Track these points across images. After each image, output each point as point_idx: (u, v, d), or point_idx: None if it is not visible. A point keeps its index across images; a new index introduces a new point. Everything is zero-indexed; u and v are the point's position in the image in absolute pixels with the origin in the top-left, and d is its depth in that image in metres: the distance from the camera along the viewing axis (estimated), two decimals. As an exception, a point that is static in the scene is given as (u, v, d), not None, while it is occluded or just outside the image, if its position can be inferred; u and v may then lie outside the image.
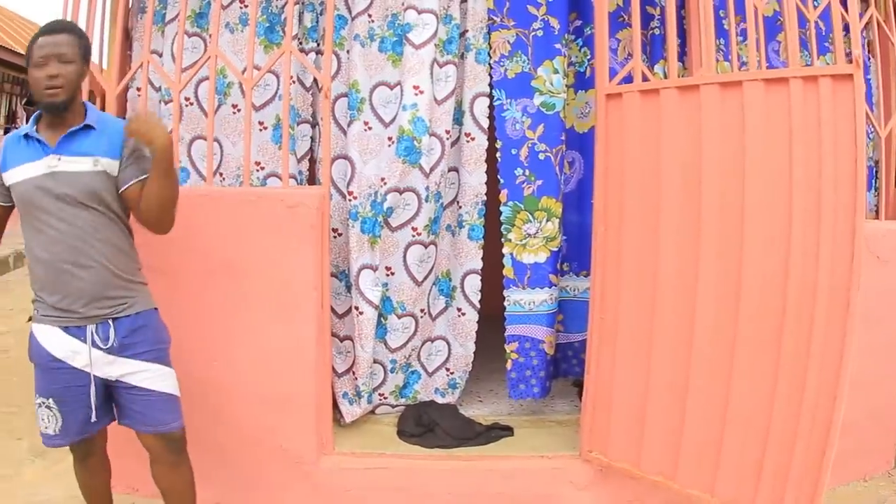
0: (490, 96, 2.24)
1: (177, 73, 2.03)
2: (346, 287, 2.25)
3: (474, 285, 2.29)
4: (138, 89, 2.20)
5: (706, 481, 1.80)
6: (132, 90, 2.24)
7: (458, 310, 2.32)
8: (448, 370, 2.36)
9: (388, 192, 2.13)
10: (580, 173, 2.34)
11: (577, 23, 2.32)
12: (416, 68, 2.11)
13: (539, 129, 2.22)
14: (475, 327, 2.32)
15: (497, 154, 2.24)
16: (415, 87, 2.11)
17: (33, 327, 1.55)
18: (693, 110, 1.79)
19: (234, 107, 2.20)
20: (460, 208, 2.29)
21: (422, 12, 2.12)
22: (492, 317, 2.44)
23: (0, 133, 7.73)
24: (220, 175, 2.21)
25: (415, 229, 2.18)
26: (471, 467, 2.03)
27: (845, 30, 2.23)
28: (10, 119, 7.97)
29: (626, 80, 1.97)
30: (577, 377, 2.43)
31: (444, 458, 2.06)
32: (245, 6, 2.21)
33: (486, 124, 2.24)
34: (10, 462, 2.35)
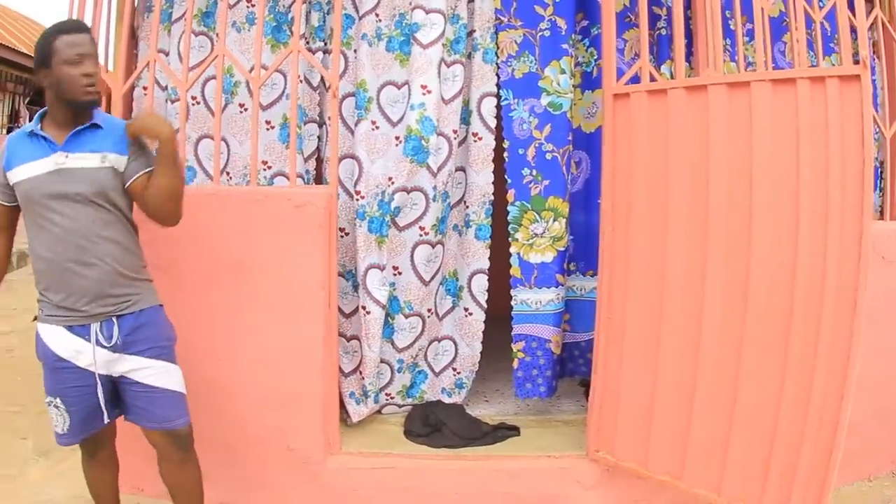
0: (497, 96, 2.24)
1: (184, 72, 2.03)
2: (352, 287, 2.25)
3: (481, 285, 2.29)
4: (144, 88, 2.20)
5: (713, 481, 1.80)
6: (138, 89, 2.24)
7: (465, 310, 2.32)
8: (455, 370, 2.36)
9: (396, 192, 2.13)
10: (587, 173, 2.35)
11: (583, 23, 2.32)
12: (424, 68, 2.11)
13: (546, 129, 2.22)
14: (482, 327, 2.32)
15: (504, 154, 2.25)
16: (423, 86, 2.11)
17: (39, 327, 1.55)
18: (701, 110, 1.79)
19: (241, 106, 2.20)
20: (467, 208, 2.29)
21: (429, 12, 2.12)
22: (497, 317, 2.44)
23: (3, 133, 7.70)
24: (226, 174, 2.21)
25: (422, 229, 2.18)
26: (478, 467, 2.03)
27: (851, 31, 2.23)
28: (13, 118, 7.94)
29: (634, 80, 1.98)
30: (583, 377, 2.44)
31: (451, 458, 2.06)
32: (252, 5, 2.21)
33: (493, 124, 2.24)
34: (15, 461, 2.34)
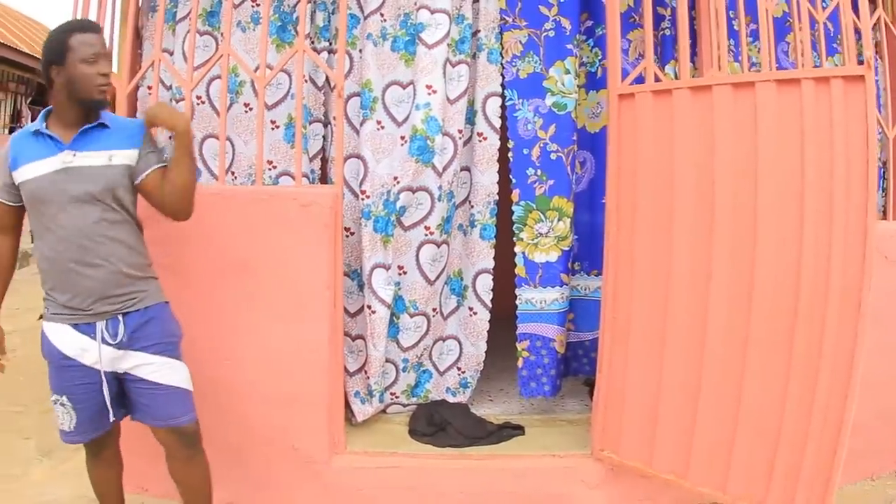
0: (502, 96, 2.24)
1: (189, 71, 2.03)
2: (358, 286, 2.25)
3: (486, 285, 2.29)
4: (149, 88, 2.20)
5: (718, 480, 1.80)
6: (142, 89, 2.24)
7: (470, 309, 2.33)
8: (459, 369, 2.36)
9: (401, 192, 2.13)
10: (591, 173, 2.35)
11: (588, 23, 2.32)
12: (429, 68, 2.11)
13: (551, 129, 2.23)
14: (487, 327, 2.32)
15: (509, 154, 2.25)
16: (428, 86, 2.11)
17: (44, 325, 1.55)
18: (706, 111, 1.79)
19: (246, 105, 2.19)
20: (472, 208, 2.29)
21: (434, 12, 2.12)
22: (501, 316, 2.44)
23: (6, 132, 7.68)
24: (231, 174, 2.21)
25: (427, 228, 2.18)
26: (482, 466, 2.03)
27: (855, 31, 2.24)
28: (15, 118, 7.92)
29: (638, 80, 1.98)
30: (587, 376, 2.44)
31: (456, 458, 2.06)
32: (257, 5, 2.21)
33: (498, 124, 2.24)
34: (18, 461, 2.34)
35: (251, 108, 2.19)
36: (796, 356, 1.70)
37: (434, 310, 2.29)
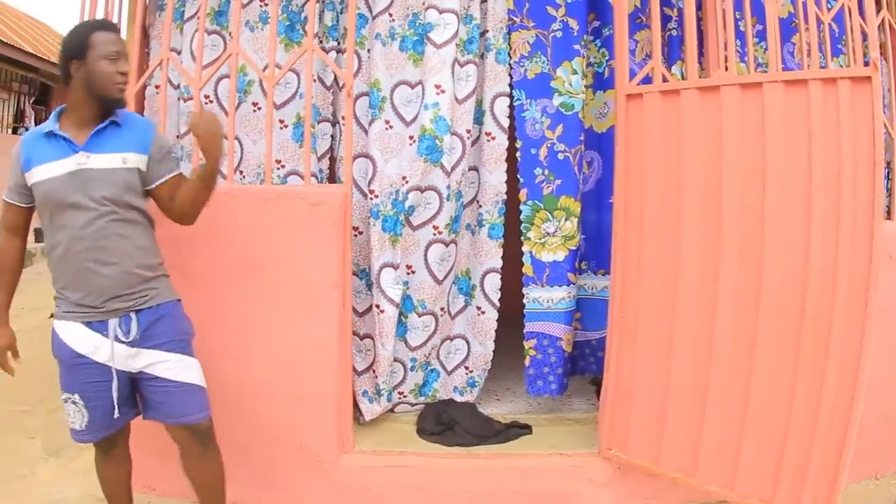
0: (510, 96, 2.25)
1: (197, 70, 2.03)
2: (366, 285, 2.26)
3: (494, 284, 2.30)
4: (156, 87, 2.20)
5: (726, 478, 1.81)
6: (150, 88, 2.24)
7: (478, 308, 2.33)
8: (467, 368, 2.37)
9: (410, 191, 2.14)
10: (599, 173, 2.36)
11: (595, 24, 2.33)
12: (438, 67, 2.11)
13: (558, 129, 2.23)
14: (494, 326, 2.32)
15: (517, 153, 2.25)
16: (436, 86, 2.12)
17: (55, 324, 1.55)
18: (713, 111, 1.80)
19: (255, 105, 2.20)
20: (480, 207, 2.30)
21: (443, 12, 2.13)
22: (508, 316, 2.45)
23: (9, 132, 7.66)
24: (240, 173, 2.21)
25: (436, 228, 2.19)
26: (490, 465, 2.03)
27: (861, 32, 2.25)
28: (19, 118, 7.89)
29: (645, 80, 1.98)
30: (594, 375, 2.45)
31: (464, 457, 2.06)
32: (265, 4, 2.22)
33: (506, 124, 2.25)
34: (25, 461, 2.33)
35: (259, 108, 2.19)
36: (803, 356, 1.71)
37: (442, 309, 2.29)
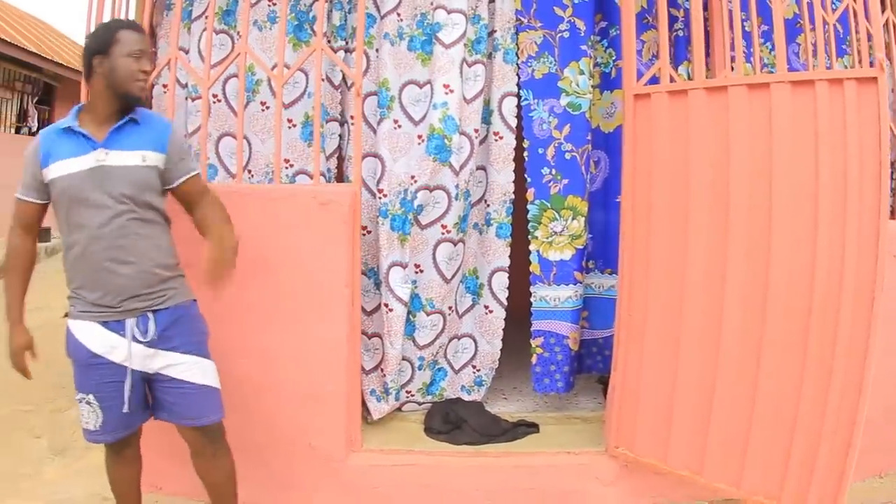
0: (518, 96, 2.25)
1: (206, 69, 2.03)
2: (374, 284, 2.26)
3: (502, 283, 2.30)
4: (164, 86, 2.20)
5: (733, 476, 1.82)
6: (157, 87, 2.24)
7: (486, 307, 2.34)
8: (474, 367, 2.37)
9: (419, 190, 2.14)
10: (606, 172, 2.37)
11: (602, 24, 2.34)
12: (447, 67, 2.12)
13: (565, 129, 2.24)
14: (502, 325, 2.33)
15: (524, 153, 2.26)
16: (445, 85, 2.12)
17: (70, 323, 1.54)
18: (721, 111, 1.81)
19: (263, 104, 2.20)
20: (488, 206, 2.30)
21: (451, 12, 2.14)
22: (514, 315, 2.45)
23: (12, 132, 7.63)
24: (248, 172, 2.21)
25: (444, 227, 2.19)
26: (498, 464, 2.04)
27: (859, 31, 2.27)
28: (22, 118, 7.86)
29: (652, 80, 1.99)
30: (601, 373, 2.46)
31: (472, 455, 2.07)
32: (273, 4, 2.22)
33: (514, 123, 2.25)
34: (30, 461, 2.32)
35: (268, 107, 2.20)
36: (810, 355, 1.71)
37: (450, 308, 2.30)
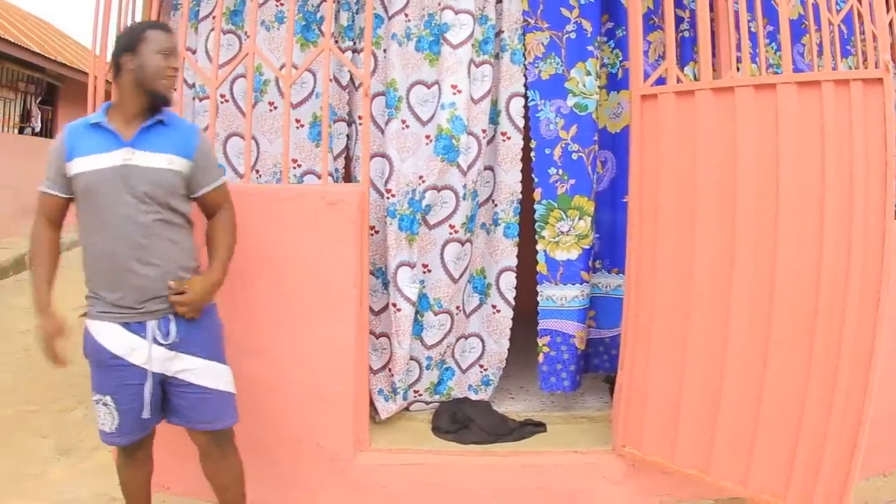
0: (525, 96, 2.26)
1: (213, 69, 2.03)
2: (382, 284, 2.27)
3: (509, 282, 2.31)
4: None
5: (740, 474, 1.83)
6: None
7: (493, 307, 2.34)
8: (482, 367, 2.38)
9: (427, 190, 2.15)
10: (612, 173, 2.37)
11: (608, 25, 2.35)
12: (454, 68, 2.13)
13: (572, 129, 2.25)
14: (510, 324, 2.34)
15: (531, 153, 2.27)
16: (453, 86, 2.13)
17: (88, 324, 1.52)
18: (728, 112, 1.81)
19: (271, 104, 2.20)
20: (496, 206, 2.31)
21: (458, 12, 2.14)
22: (521, 314, 2.45)
23: (15, 132, 7.61)
24: (256, 172, 2.21)
25: (452, 227, 2.20)
26: (505, 463, 2.05)
27: (863, 32, 2.28)
28: (25, 118, 7.84)
29: (659, 81, 1.99)
30: (608, 373, 2.46)
31: (479, 454, 2.07)
32: (281, 4, 2.22)
33: (521, 124, 2.26)
34: (36, 461, 2.32)
35: (276, 107, 2.20)
36: (816, 355, 1.72)
37: (457, 308, 2.30)
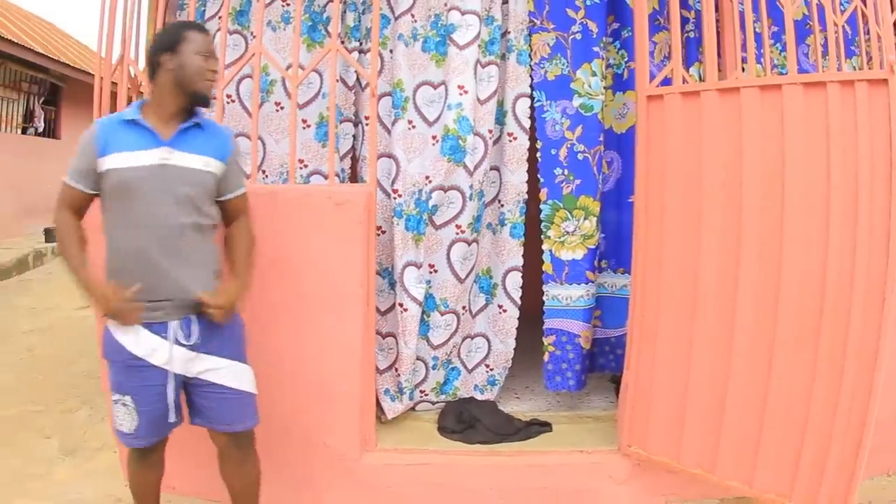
0: (531, 97, 2.26)
1: (220, 69, 2.03)
2: (388, 284, 2.27)
3: (516, 282, 2.31)
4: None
5: (745, 474, 1.83)
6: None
7: (500, 307, 2.34)
8: (488, 367, 2.38)
9: (433, 191, 2.15)
10: (618, 173, 2.38)
11: (614, 25, 2.35)
12: (461, 68, 2.13)
13: (578, 130, 2.25)
14: (516, 324, 2.34)
15: (537, 154, 2.27)
16: (459, 86, 2.13)
17: (109, 324, 1.50)
18: (733, 112, 1.82)
19: (277, 104, 2.21)
20: (502, 206, 2.31)
21: (465, 13, 2.14)
22: (526, 314, 2.45)
23: (18, 132, 7.60)
24: (262, 172, 2.22)
25: (458, 227, 2.20)
26: (511, 463, 2.05)
27: (867, 33, 2.28)
28: (28, 118, 7.83)
29: (665, 82, 2.00)
30: (613, 372, 2.47)
31: (485, 454, 2.08)
32: (287, 4, 2.22)
33: (527, 124, 2.26)
34: (41, 461, 2.32)
35: (282, 107, 2.20)
36: (821, 356, 1.73)
37: (463, 308, 2.31)
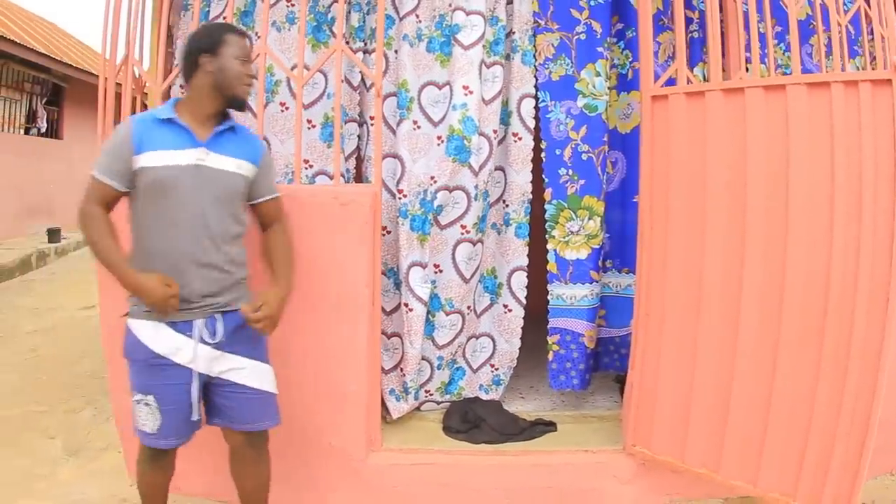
0: (536, 97, 2.26)
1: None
2: (394, 284, 2.27)
3: (521, 282, 2.32)
4: (182, 86, 2.20)
5: (750, 473, 1.84)
6: (175, 87, 2.24)
7: (505, 306, 2.35)
8: (492, 366, 2.39)
9: (439, 191, 2.16)
10: (623, 173, 2.38)
11: (618, 26, 2.35)
12: (466, 69, 2.13)
13: (582, 130, 2.26)
14: (521, 323, 2.34)
15: (542, 154, 2.27)
16: (464, 87, 2.13)
17: (131, 323, 1.50)
18: (738, 113, 1.82)
19: (282, 105, 2.21)
20: (507, 206, 2.31)
21: (470, 13, 2.14)
22: (530, 313, 2.45)
23: (21, 132, 7.59)
24: (268, 173, 2.22)
25: (463, 227, 2.20)
26: (516, 462, 2.06)
27: (870, 33, 2.29)
28: (31, 118, 7.83)
29: (669, 82, 2.00)
30: (618, 372, 2.47)
31: (490, 454, 2.08)
32: (292, 5, 2.22)
33: (532, 125, 2.26)
34: (45, 461, 2.32)
35: (287, 108, 2.20)
36: (825, 356, 1.73)
37: (468, 307, 2.31)
